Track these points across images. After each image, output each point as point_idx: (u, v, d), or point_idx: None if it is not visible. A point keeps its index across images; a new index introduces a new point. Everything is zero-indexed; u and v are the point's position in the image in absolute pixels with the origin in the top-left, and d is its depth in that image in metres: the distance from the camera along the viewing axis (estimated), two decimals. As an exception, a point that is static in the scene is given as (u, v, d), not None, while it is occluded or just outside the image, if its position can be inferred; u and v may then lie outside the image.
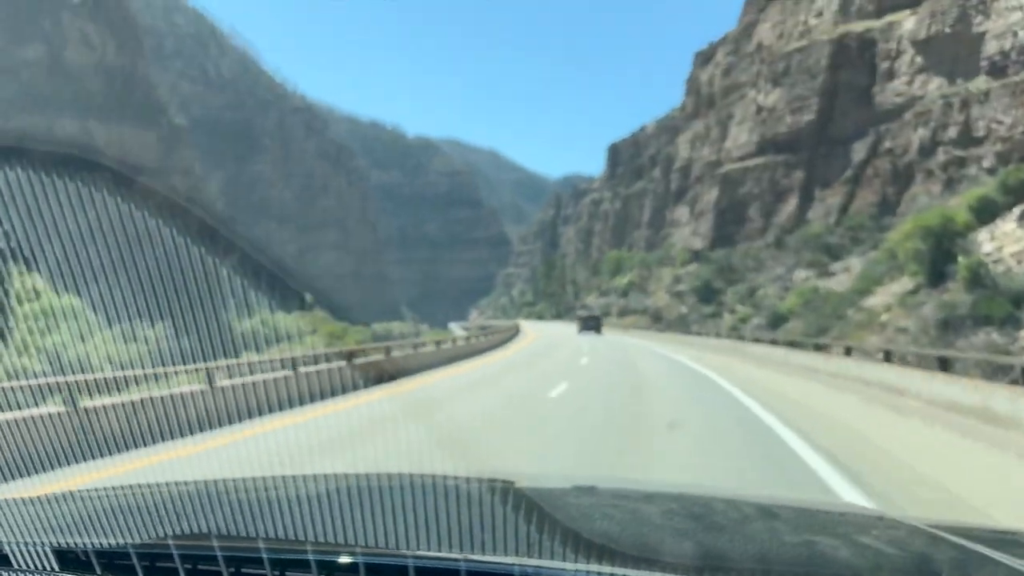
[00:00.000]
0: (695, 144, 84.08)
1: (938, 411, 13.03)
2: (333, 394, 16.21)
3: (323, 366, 18.67)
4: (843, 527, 2.00)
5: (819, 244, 48.91)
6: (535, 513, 1.90)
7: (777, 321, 41.59)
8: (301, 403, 14.56)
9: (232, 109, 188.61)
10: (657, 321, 56.74)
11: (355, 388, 17.44)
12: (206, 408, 12.28)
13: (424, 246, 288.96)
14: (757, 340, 33.48)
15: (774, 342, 30.63)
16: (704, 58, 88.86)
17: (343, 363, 20.00)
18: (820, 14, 63.28)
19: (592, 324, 56.43)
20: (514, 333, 50.47)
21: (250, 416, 12.82)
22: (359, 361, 20.83)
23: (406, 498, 2.07)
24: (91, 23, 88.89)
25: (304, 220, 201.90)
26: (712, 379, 20.33)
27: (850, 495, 6.66)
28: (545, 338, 48.79)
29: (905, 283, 34.12)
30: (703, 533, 1.83)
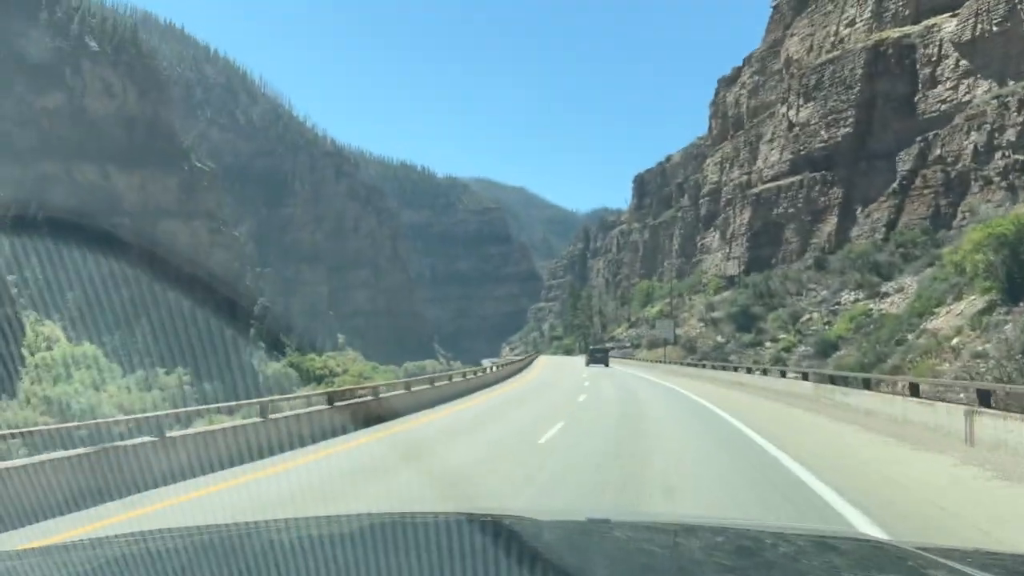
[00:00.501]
0: (724, 167, 79.81)
1: None
2: (314, 440, 14.63)
3: (302, 410, 16.58)
4: (913, 560, 1.82)
5: (866, 263, 44.06)
6: (566, 552, 1.76)
7: (826, 349, 36.77)
8: (281, 451, 13.34)
9: (263, 155, 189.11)
10: (691, 352, 51.67)
11: (334, 434, 15.66)
12: (153, 463, 10.63)
13: (456, 283, 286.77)
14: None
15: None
16: (728, 81, 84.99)
17: (325, 406, 17.42)
18: (852, 23, 59.06)
19: (599, 357, 58.99)
20: (517, 371, 47.92)
21: (201, 472, 10.98)
22: (342, 403, 18.16)
23: (418, 537, 1.95)
24: (112, 71, 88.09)
25: (335, 261, 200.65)
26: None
27: None
28: (549, 371, 44.26)
29: (975, 301, 29.38)
30: (755, 571, 1.75)
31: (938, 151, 45.65)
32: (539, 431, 15.41)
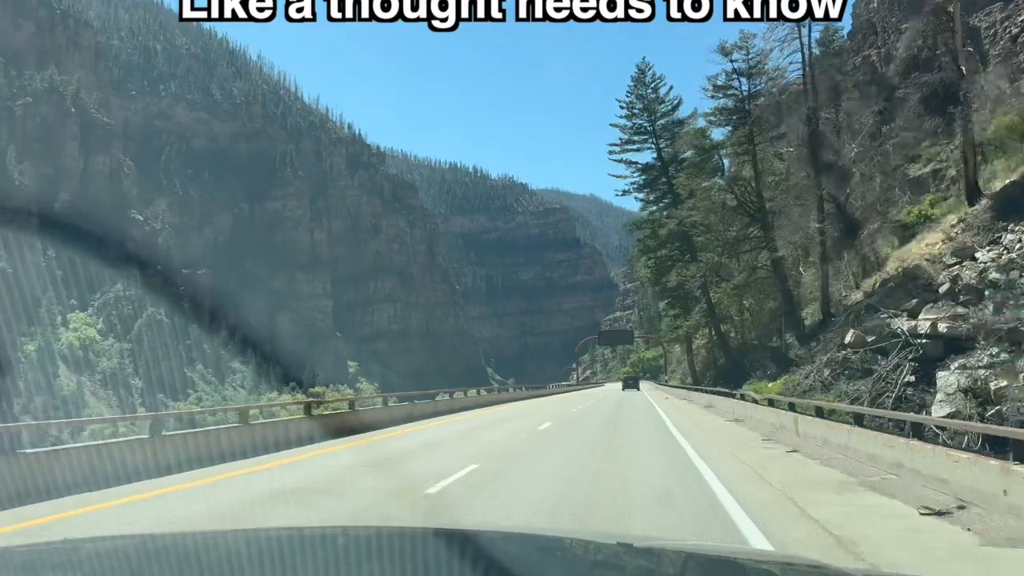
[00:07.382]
0: None
1: None
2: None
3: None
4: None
5: None
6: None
7: None
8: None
9: (248, 137, 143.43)
10: None
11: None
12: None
13: (517, 296, 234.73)
14: None
15: None
16: None
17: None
18: None
19: (631, 383, 64.08)
20: None
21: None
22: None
23: (384, 551, 1.84)
24: None
25: (347, 269, 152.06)
26: None
27: None
28: None
29: None
30: None
31: None
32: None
